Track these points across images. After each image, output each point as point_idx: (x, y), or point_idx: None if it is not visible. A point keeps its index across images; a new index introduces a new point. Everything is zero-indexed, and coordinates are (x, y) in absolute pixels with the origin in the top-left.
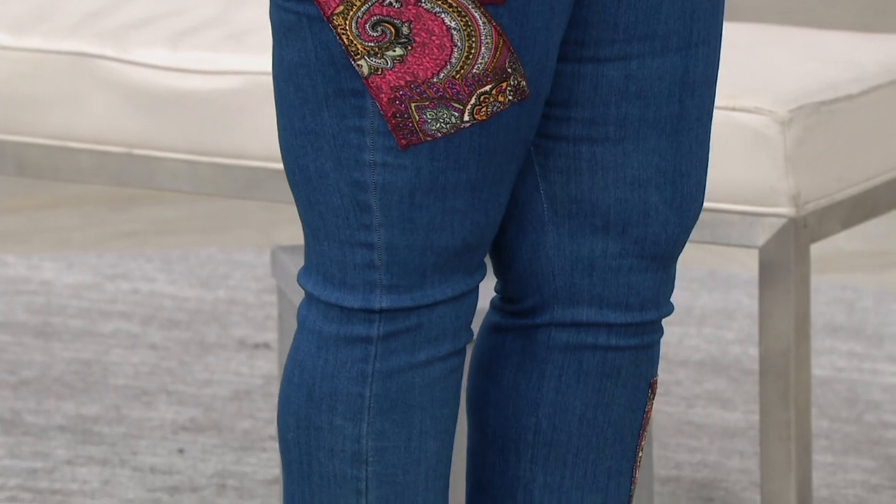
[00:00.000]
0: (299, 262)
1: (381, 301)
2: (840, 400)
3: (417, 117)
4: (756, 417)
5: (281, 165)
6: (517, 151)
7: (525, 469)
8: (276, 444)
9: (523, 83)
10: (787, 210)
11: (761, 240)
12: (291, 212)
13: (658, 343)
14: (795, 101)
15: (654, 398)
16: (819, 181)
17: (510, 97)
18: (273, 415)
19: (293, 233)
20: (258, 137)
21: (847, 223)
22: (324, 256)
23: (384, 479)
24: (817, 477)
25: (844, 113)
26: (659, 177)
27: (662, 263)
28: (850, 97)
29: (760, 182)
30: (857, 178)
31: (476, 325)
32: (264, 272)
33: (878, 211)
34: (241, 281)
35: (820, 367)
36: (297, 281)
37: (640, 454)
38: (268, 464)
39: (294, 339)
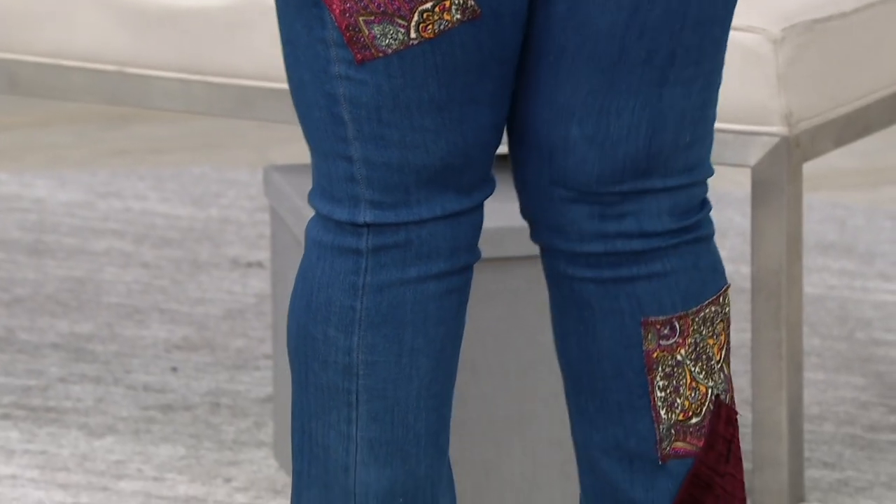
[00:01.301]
0: (292, 181)
1: (366, 215)
2: (831, 318)
3: (367, 31)
4: (748, 336)
5: (274, 84)
6: (488, 71)
7: (566, 393)
8: (270, 363)
9: (471, 2)
10: (779, 129)
11: (754, 159)
12: (285, 131)
13: (642, 282)
14: (788, 20)
15: (670, 341)
16: (812, 100)
17: (458, 16)
18: (266, 333)
19: (287, 152)
20: (251, 55)
21: (839, 141)
22: (317, 169)
23: (374, 394)
24: (808, 394)
25: (837, 31)
26: (583, 111)
27: (594, 199)
28: (843, 15)
29: (753, 101)
30: (850, 96)
31: (494, 244)
32: (257, 191)
33: (870, 129)
34: (235, 200)
35: (811, 285)
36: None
37: (661, 394)
38: (261, 382)
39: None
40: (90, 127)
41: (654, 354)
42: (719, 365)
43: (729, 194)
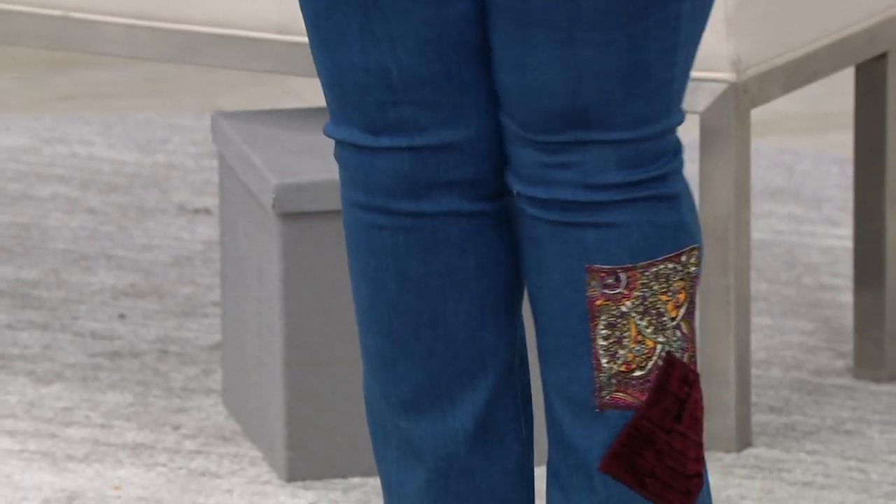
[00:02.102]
0: (240, 128)
1: (327, 128)
2: (779, 263)
3: None
4: None
5: (221, 30)
6: (350, 10)
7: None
8: (218, 310)
9: None
10: (727, 75)
11: (702, 105)
12: (231, 76)
13: (589, 229)
14: None
15: (615, 291)
16: (760, 46)
17: None
18: (214, 281)
19: (234, 98)
20: (198, 1)
21: (787, 87)
22: None
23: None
24: (755, 339)
25: None
26: (507, 60)
27: (536, 145)
28: None
29: (702, 47)
30: (798, 42)
31: None
32: (203, 137)
33: (818, 75)
34: (181, 146)
35: (759, 231)
36: None
37: (604, 343)
38: (209, 329)
39: None
40: (34, 72)
41: (598, 302)
42: (675, 322)
43: None
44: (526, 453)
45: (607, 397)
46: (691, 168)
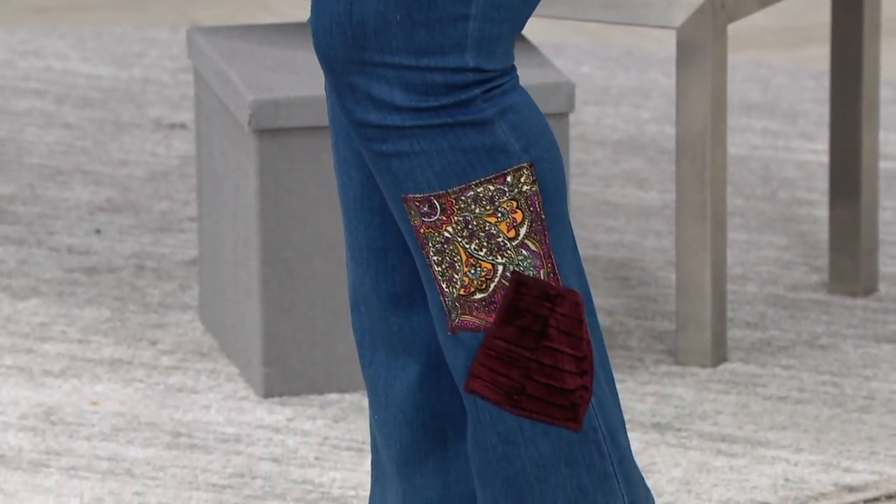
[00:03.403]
0: (216, 43)
1: None
2: (755, 178)
3: None
4: (672, 196)
5: None
6: None
7: None
8: (195, 226)
9: None
10: None
11: (679, 20)
12: None
13: (395, 159)
14: None
15: (433, 218)
16: None
17: None
18: (190, 196)
19: (210, 12)
20: None
21: (764, 2)
22: None
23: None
24: (731, 255)
25: None
26: None
27: (328, 69)
28: None
29: None
30: None
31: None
32: (179, 51)
33: None
34: (156, 60)
35: (735, 146)
36: None
37: (438, 269)
38: (185, 245)
39: None
40: None
41: (422, 230)
42: (516, 242)
43: (653, 55)
44: None
45: (456, 320)
46: (667, 83)
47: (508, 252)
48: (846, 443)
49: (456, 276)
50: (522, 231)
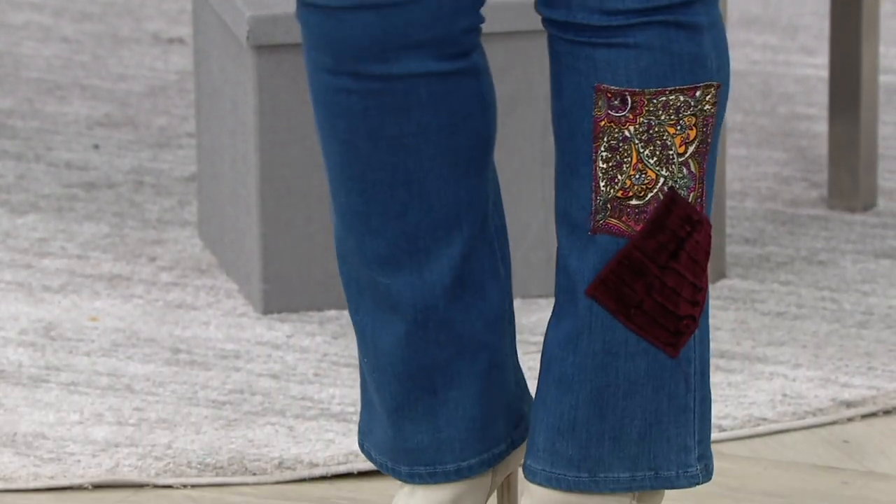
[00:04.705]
0: None
1: None
2: (754, 93)
3: None
4: None
5: None
6: None
7: None
8: (193, 142)
9: None
10: None
11: None
12: None
13: (602, 48)
14: None
15: (619, 114)
16: None
17: None
18: (189, 111)
19: None
20: None
21: None
22: None
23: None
24: (730, 170)
25: None
26: None
27: None
28: None
29: None
30: None
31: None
32: None
33: None
34: None
35: (734, 60)
36: None
37: (603, 166)
38: (184, 161)
39: None
40: None
41: (602, 123)
42: (682, 159)
43: None
44: (505, 299)
45: (601, 221)
46: None
47: (673, 167)
48: (844, 358)
49: (619, 176)
50: (691, 149)
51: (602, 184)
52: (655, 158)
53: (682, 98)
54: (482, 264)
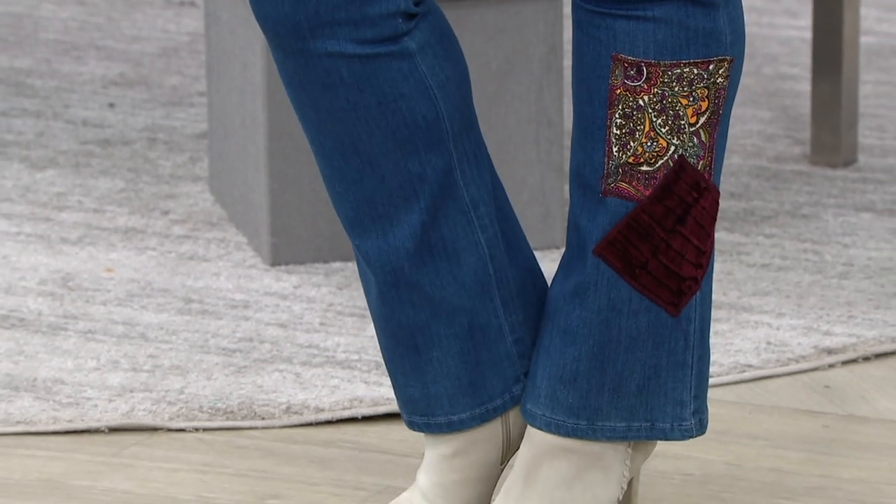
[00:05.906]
0: None
1: None
2: None
3: None
4: None
5: None
6: None
7: None
8: (204, 100)
9: None
10: None
11: None
12: None
13: (621, 19)
14: None
15: (635, 83)
16: None
17: None
18: (200, 72)
19: None
20: None
21: None
22: None
23: (311, 144)
24: None
25: None
26: None
27: None
28: None
29: None
30: None
31: None
32: None
33: None
34: None
35: None
36: None
37: (617, 132)
38: (196, 118)
39: None
40: None
41: (618, 91)
42: (693, 129)
43: None
44: (485, 264)
45: (612, 185)
46: None
47: (684, 136)
48: (825, 307)
49: (632, 143)
50: (702, 120)
51: (615, 149)
52: (667, 128)
53: (695, 71)
54: (455, 233)
